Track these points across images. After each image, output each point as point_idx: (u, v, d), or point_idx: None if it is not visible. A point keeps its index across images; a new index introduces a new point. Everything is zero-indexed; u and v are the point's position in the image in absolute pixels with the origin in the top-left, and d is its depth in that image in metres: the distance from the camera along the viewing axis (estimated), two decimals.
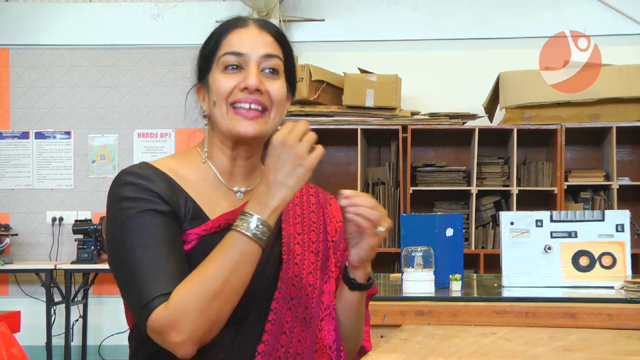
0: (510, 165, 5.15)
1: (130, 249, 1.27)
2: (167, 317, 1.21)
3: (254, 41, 1.38)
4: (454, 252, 2.54)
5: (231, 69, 1.37)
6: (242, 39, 1.39)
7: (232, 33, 1.40)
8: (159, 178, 1.35)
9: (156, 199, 1.31)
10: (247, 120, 1.36)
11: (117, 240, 1.30)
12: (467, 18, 5.63)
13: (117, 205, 1.31)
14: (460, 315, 2.21)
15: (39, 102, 5.92)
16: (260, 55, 1.37)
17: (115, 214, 1.31)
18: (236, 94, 1.36)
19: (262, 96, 1.37)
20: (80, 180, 5.88)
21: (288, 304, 1.38)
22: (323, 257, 1.46)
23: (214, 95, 1.38)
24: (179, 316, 1.21)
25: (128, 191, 1.31)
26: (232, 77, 1.37)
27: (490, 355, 1.27)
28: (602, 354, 1.29)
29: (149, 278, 1.25)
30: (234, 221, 1.34)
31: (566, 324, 2.14)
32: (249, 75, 1.36)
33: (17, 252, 5.81)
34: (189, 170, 1.41)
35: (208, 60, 1.41)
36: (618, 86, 4.86)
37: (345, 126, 5.07)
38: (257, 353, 1.34)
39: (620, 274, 2.50)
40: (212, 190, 1.41)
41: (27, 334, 5.06)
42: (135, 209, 1.29)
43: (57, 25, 5.90)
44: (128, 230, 1.29)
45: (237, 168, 1.43)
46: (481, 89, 5.24)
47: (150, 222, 1.29)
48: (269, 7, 5.39)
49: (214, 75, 1.39)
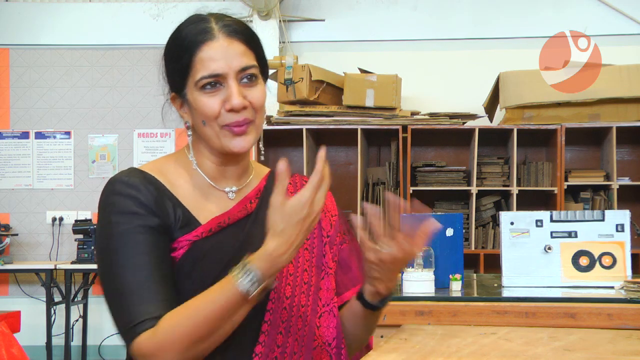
0: (510, 165, 5.15)
1: (118, 269, 1.28)
2: (152, 345, 1.23)
3: (227, 56, 1.34)
4: (454, 252, 2.54)
5: (210, 87, 1.34)
6: (214, 56, 1.34)
7: (201, 50, 1.35)
8: (148, 186, 1.35)
9: (145, 212, 1.32)
10: (239, 137, 1.35)
11: (105, 257, 1.31)
12: (467, 18, 5.63)
13: (106, 217, 1.33)
14: (460, 315, 2.21)
15: (39, 102, 5.92)
16: (236, 71, 1.35)
17: (104, 228, 1.32)
18: (224, 116, 1.34)
19: (247, 110, 1.35)
20: (80, 180, 5.88)
21: (283, 303, 1.38)
22: (318, 254, 1.46)
23: (200, 116, 1.36)
24: (163, 348, 1.23)
25: (117, 203, 1.32)
26: (214, 96, 1.34)
27: (490, 355, 1.27)
28: (602, 354, 1.29)
29: (136, 300, 1.26)
30: (225, 224, 1.35)
31: (566, 324, 2.14)
32: (232, 95, 1.33)
33: (17, 252, 5.81)
34: (178, 175, 1.41)
35: (181, 77, 1.37)
36: (618, 86, 4.86)
37: (345, 126, 5.07)
38: (254, 354, 1.34)
39: (620, 274, 2.50)
40: (202, 194, 1.41)
41: (27, 334, 5.06)
42: (124, 225, 1.30)
43: (57, 25, 5.90)
44: (116, 249, 1.30)
45: (227, 172, 1.43)
46: (481, 89, 5.24)
47: (138, 241, 1.29)
48: (269, 7, 5.39)
49: (192, 94, 1.36)
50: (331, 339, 1.41)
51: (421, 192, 5.13)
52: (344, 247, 1.50)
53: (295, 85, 4.94)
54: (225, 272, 1.27)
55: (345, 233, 1.52)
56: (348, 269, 1.49)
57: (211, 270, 1.32)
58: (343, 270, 1.48)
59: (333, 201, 1.55)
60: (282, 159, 1.23)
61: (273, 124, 5.07)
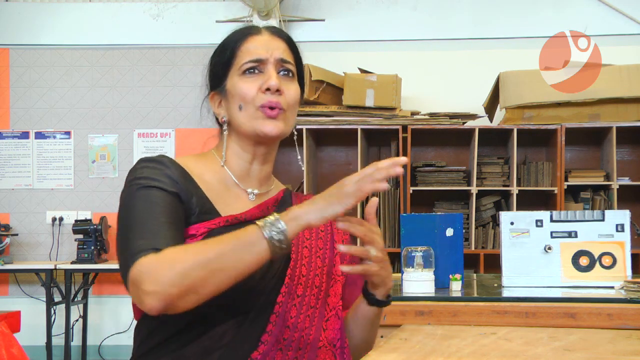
0: (510, 165, 5.15)
1: (132, 211, 1.32)
2: (150, 264, 1.21)
3: (269, 46, 1.45)
4: (454, 252, 2.54)
5: (249, 73, 1.43)
6: (257, 44, 1.45)
7: (247, 41, 1.46)
8: (175, 167, 1.40)
9: (167, 180, 1.36)
10: (271, 120, 1.43)
11: (123, 207, 1.35)
12: (467, 18, 5.63)
13: (129, 184, 1.37)
14: (460, 315, 2.21)
15: (39, 102, 5.92)
16: (277, 59, 1.45)
17: (127, 191, 1.37)
18: (260, 97, 1.42)
19: (281, 97, 1.43)
20: (80, 180, 5.88)
21: (293, 300, 1.40)
22: (330, 263, 1.49)
23: (238, 100, 1.44)
24: (162, 266, 1.21)
25: (143, 171, 1.37)
26: (253, 81, 1.43)
27: (490, 355, 1.27)
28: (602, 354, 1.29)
29: (144, 235, 1.27)
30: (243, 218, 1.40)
31: (566, 324, 2.14)
32: (270, 77, 1.42)
33: (17, 252, 5.81)
34: (205, 170, 1.47)
35: (225, 68, 1.46)
36: (618, 86, 4.86)
37: (345, 126, 5.07)
38: (260, 342, 1.36)
39: (620, 274, 2.50)
40: (225, 190, 1.47)
41: (27, 334, 5.06)
42: (144, 184, 1.35)
43: (57, 25, 5.90)
44: (134, 198, 1.34)
45: (252, 172, 1.49)
46: (481, 89, 5.24)
47: (155, 194, 1.34)
48: (269, 7, 5.39)
49: (232, 81, 1.45)
50: (336, 340, 1.44)
51: (421, 192, 5.13)
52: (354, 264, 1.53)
53: None
54: None
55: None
56: (354, 285, 1.53)
57: None
58: (350, 286, 1.53)
59: None
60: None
61: None
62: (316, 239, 1.51)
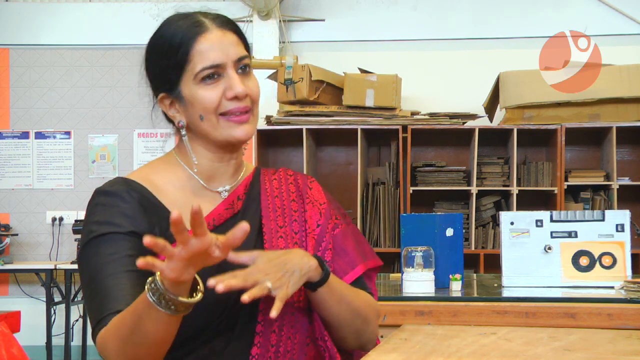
0: (510, 165, 5.15)
1: (87, 268, 1.31)
2: (100, 343, 1.25)
3: (223, 45, 1.36)
4: (454, 252, 2.54)
5: (208, 79, 1.35)
6: (211, 47, 1.35)
7: (198, 42, 1.35)
8: (132, 196, 1.35)
9: (120, 220, 1.32)
10: (240, 125, 1.37)
11: (80, 265, 1.34)
12: (467, 18, 5.63)
13: (86, 227, 1.36)
14: (460, 315, 2.21)
15: (39, 102, 5.92)
16: (234, 60, 1.36)
17: (83, 237, 1.36)
18: (224, 104, 1.35)
19: (247, 99, 1.37)
20: (80, 180, 5.88)
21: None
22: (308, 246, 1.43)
23: (199, 110, 1.36)
24: (105, 343, 1.24)
25: (96, 213, 1.35)
26: (214, 88, 1.35)
27: (490, 355, 1.27)
28: (602, 354, 1.29)
29: (99, 302, 1.27)
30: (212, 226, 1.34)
31: (566, 324, 2.14)
32: (233, 84, 1.35)
33: (17, 252, 5.81)
34: (167, 180, 1.42)
35: (176, 72, 1.37)
36: (618, 86, 4.86)
37: (345, 126, 5.07)
38: (251, 357, 1.32)
39: (620, 274, 2.50)
40: (193, 196, 1.40)
41: (27, 334, 5.06)
42: (96, 232, 1.32)
43: (57, 25, 5.90)
44: (88, 256, 1.31)
45: (222, 169, 1.43)
46: (481, 89, 5.24)
47: (107, 246, 1.30)
48: (269, 7, 5.39)
49: (189, 89, 1.36)
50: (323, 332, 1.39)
51: (421, 192, 5.13)
52: (337, 232, 1.48)
53: (295, 85, 4.94)
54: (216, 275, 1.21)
55: (337, 217, 1.50)
56: (344, 253, 1.46)
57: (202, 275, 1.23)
58: (339, 256, 1.46)
59: (320, 190, 1.53)
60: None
61: (273, 124, 5.07)
62: (290, 224, 1.44)
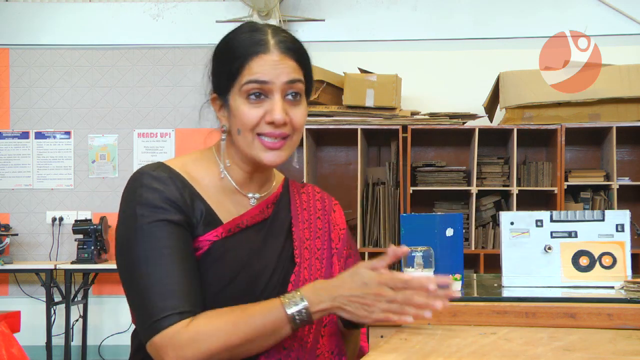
0: (510, 165, 5.15)
1: (141, 263, 1.27)
2: (176, 337, 1.23)
3: (276, 68, 1.35)
4: (454, 252, 2.53)
5: (254, 97, 1.35)
6: (264, 66, 1.35)
7: (254, 60, 1.35)
8: (174, 182, 1.35)
9: (170, 207, 1.31)
10: (272, 151, 1.37)
11: (127, 250, 1.30)
12: (467, 18, 5.63)
13: (130, 209, 1.32)
14: (460, 315, 2.21)
15: (39, 102, 5.92)
16: (284, 82, 1.35)
17: (128, 219, 1.31)
18: (262, 126, 1.36)
19: (286, 126, 1.37)
20: (80, 180, 5.88)
21: None
22: (327, 264, 1.47)
23: (237, 124, 1.37)
24: (188, 343, 1.22)
25: (143, 195, 1.31)
26: (256, 107, 1.35)
27: (490, 355, 1.27)
28: (602, 354, 1.29)
29: (160, 295, 1.25)
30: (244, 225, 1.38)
31: (566, 324, 2.14)
32: (275, 109, 1.34)
33: (17, 252, 5.81)
34: (205, 174, 1.42)
35: (228, 80, 1.38)
36: (618, 86, 4.86)
37: (345, 126, 5.07)
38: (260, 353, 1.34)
39: (620, 274, 2.49)
40: (225, 195, 1.43)
41: (27, 334, 5.06)
42: (148, 218, 1.29)
43: (57, 25, 5.90)
44: (139, 242, 1.28)
45: (253, 179, 1.45)
46: (481, 89, 5.24)
47: (162, 234, 1.29)
48: (269, 7, 5.39)
49: (235, 100, 1.37)
50: (334, 347, 1.42)
51: (421, 192, 5.13)
52: (350, 261, 1.52)
53: None
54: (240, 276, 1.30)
55: (351, 247, 1.54)
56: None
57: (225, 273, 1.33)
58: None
59: (342, 215, 1.57)
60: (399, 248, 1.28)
61: None
62: (314, 239, 1.48)
